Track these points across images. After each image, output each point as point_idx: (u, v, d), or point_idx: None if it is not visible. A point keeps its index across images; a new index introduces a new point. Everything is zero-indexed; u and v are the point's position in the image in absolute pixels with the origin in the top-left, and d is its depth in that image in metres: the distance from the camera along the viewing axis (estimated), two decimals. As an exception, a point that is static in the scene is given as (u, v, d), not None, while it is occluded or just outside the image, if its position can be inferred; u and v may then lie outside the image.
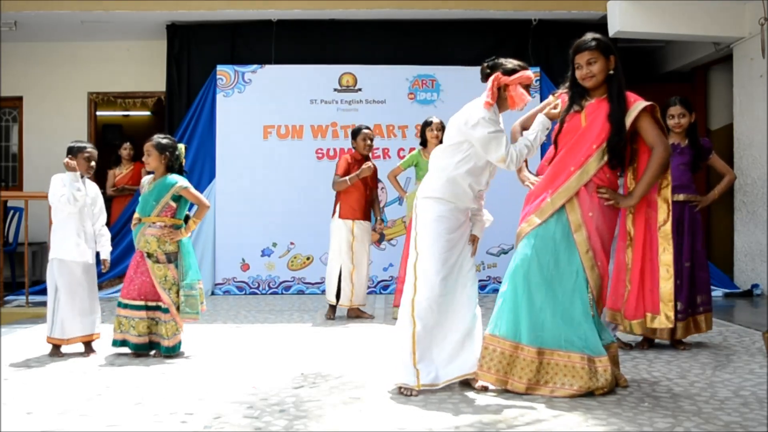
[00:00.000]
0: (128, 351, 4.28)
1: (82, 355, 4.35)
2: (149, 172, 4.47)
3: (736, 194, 7.46)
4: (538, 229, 3.33)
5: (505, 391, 3.30)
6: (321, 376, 3.70)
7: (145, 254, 4.25)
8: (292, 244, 7.56)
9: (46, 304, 4.40)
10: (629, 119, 3.32)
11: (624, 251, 3.55)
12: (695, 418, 2.90)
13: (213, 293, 7.43)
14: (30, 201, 6.46)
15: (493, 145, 3.26)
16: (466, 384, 3.42)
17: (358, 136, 5.74)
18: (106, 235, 4.56)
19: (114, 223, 7.62)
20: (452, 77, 7.41)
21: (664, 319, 3.36)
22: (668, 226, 3.37)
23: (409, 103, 7.56)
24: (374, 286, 7.32)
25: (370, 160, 5.77)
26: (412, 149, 6.10)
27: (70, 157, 4.36)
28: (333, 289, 5.73)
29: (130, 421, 2.95)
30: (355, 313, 5.80)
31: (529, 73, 3.34)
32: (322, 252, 7.39)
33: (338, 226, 5.70)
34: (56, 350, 4.34)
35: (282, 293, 7.50)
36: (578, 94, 3.42)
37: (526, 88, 3.33)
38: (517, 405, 3.10)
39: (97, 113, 8.86)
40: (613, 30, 6.93)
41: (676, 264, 4.37)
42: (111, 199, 8.04)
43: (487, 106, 3.28)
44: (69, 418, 3.00)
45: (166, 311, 4.22)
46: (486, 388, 3.36)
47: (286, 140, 7.63)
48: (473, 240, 3.48)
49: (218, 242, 7.53)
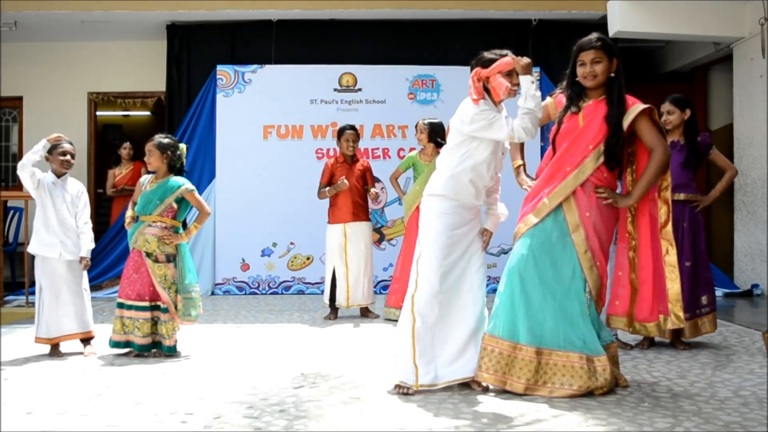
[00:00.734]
0: (126, 351, 4.28)
1: (80, 354, 4.36)
2: (150, 172, 4.47)
3: (736, 194, 7.46)
4: (534, 229, 3.33)
5: (505, 391, 3.30)
6: (321, 376, 3.70)
7: (144, 254, 4.25)
8: (292, 244, 7.56)
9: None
10: (627, 121, 3.32)
11: (625, 253, 3.54)
12: (695, 418, 2.90)
13: (213, 293, 7.43)
14: (30, 201, 6.45)
15: (494, 128, 3.25)
16: (466, 384, 3.41)
17: (341, 136, 5.76)
18: (88, 232, 4.46)
19: (114, 223, 7.64)
20: (452, 77, 7.41)
21: (675, 319, 3.36)
22: (669, 227, 3.38)
23: (409, 103, 7.57)
24: (374, 286, 7.31)
25: (359, 161, 5.79)
26: (412, 149, 6.10)
27: (46, 157, 4.42)
28: (327, 292, 5.78)
29: (130, 421, 2.95)
30: (364, 312, 5.84)
31: (508, 59, 3.30)
32: (322, 252, 7.36)
33: (329, 230, 5.77)
34: (55, 350, 4.35)
35: (282, 293, 7.50)
36: (576, 94, 3.42)
37: (509, 76, 3.30)
38: (517, 405, 3.10)
39: (97, 113, 8.86)
40: (613, 30, 6.93)
41: (692, 263, 4.39)
42: (111, 199, 8.06)
43: (476, 103, 3.29)
44: (69, 418, 3.00)
45: (165, 310, 4.22)
46: (486, 389, 3.36)
47: (286, 140, 7.64)
48: (484, 233, 3.45)
49: (218, 242, 7.53)
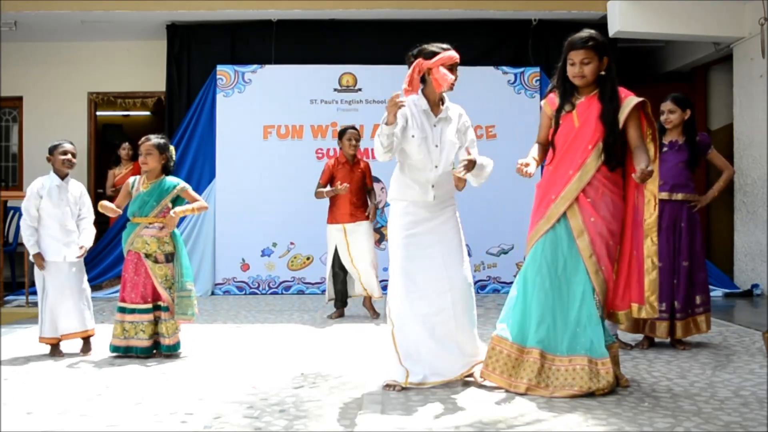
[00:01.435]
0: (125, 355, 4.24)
1: (80, 353, 4.36)
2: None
3: (736, 194, 7.45)
4: (546, 236, 3.34)
5: (506, 391, 3.31)
6: (321, 376, 3.70)
7: (143, 255, 4.24)
8: (292, 244, 7.56)
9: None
10: (622, 116, 3.31)
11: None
12: (695, 418, 2.90)
13: (213, 293, 7.43)
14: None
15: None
16: (466, 384, 3.42)
17: (343, 136, 5.77)
18: (90, 228, 4.52)
19: (114, 223, 7.63)
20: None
21: (650, 309, 3.33)
22: (653, 219, 3.33)
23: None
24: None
25: (360, 161, 5.80)
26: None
27: (48, 158, 4.45)
28: (330, 291, 5.81)
29: (130, 421, 2.95)
30: (367, 303, 5.84)
31: (451, 53, 3.38)
32: (322, 252, 7.38)
33: (329, 230, 5.78)
34: (56, 349, 4.35)
35: (282, 293, 7.50)
36: (567, 91, 3.42)
37: (452, 69, 3.36)
38: (517, 405, 3.10)
39: (97, 113, 8.86)
40: (613, 30, 6.93)
41: (672, 261, 4.38)
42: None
43: (406, 93, 3.32)
44: (69, 418, 3.00)
45: (166, 309, 4.22)
46: (482, 383, 3.39)
47: (286, 140, 7.63)
48: (466, 165, 3.25)
49: (218, 242, 7.53)
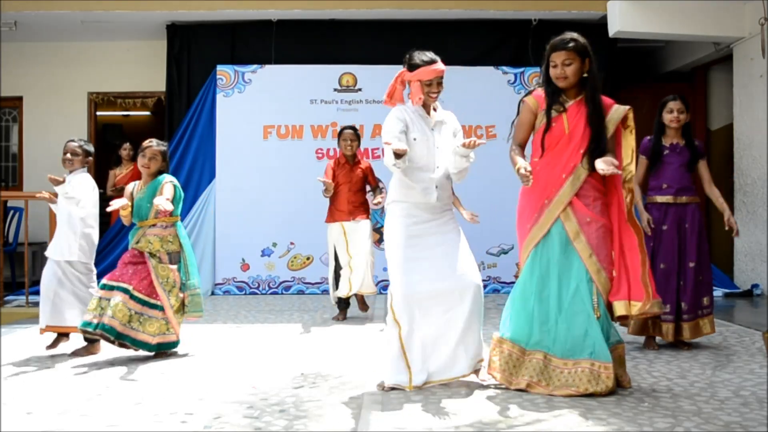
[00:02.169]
0: (97, 338, 4.16)
1: (79, 353, 4.37)
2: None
3: (736, 194, 7.45)
4: (542, 242, 3.35)
5: (506, 391, 3.31)
6: (321, 376, 3.70)
7: (148, 254, 4.24)
8: (292, 244, 7.56)
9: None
10: (612, 126, 3.34)
11: None
12: (695, 418, 2.90)
13: (213, 293, 7.43)
14: (30, 201, 6.45)
15: (384, 134, 3.44)
16: (466, 384, 3.42)
17: (341, 137, 5.78)
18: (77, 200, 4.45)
19: (114, 223, 7.63)
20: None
21: (652, 305, 3.32)
22: (632, 213, 3.37)
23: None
24: (375, 285, 7.31)
25: (359, 162, 5.78)
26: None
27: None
28: (333, 292, 5.79)
29: (130, 421, 2.95)
30: (358, 297, 5.82)
31: (434, 67, 3.39)
32: (322, 252, 7.38)
33: (329, 229, 5.76)
34: (56, 343, 4.38)
35: (282, 293, 7.50)
36: (554, 93, 3.43)
37: (429, 85, 3.40)
38: (517, 405, 3.10)
39: (97, 113, 8.86)
40: (613, 30, 6.92)
41: (678, 263, 4.38)
42: (111, 199, 8.04)
43: (386, 104, 3.47)
44: (69, 418, 3.01)
45: (159, 309, 4.18)
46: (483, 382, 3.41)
47: (286, 140, 7.63)
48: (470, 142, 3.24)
49: (218, 242, 7.53)
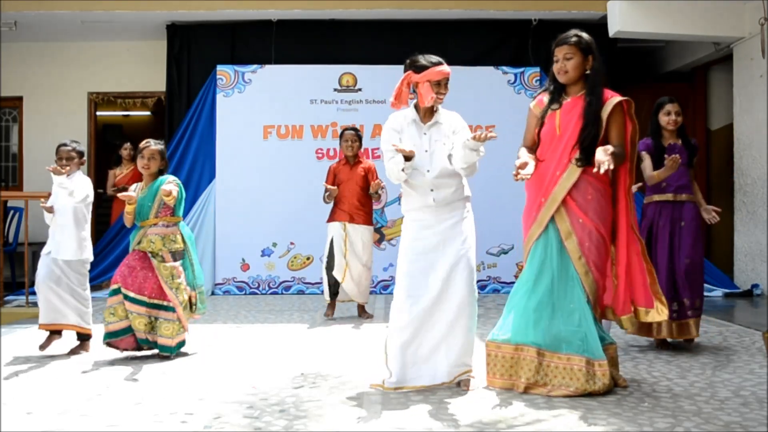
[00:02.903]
0: (121, 341, 4.21)
1: (78, 353, 4.38)
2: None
3: (736, 194, 7.45)
4: (539, 240, 3.36)
5: (506, 391, 3.31)
6: (321, 376, 3.70)
7: (150, 254, 4.24)
8: (292, 244, 7.56)
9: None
10: (605, 114, 3.34)
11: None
12: (695, 418, 2.90)
13: (213, 293, 7.42)
14: (30, 201, 6.45)
15: (382, 142, 3.49)
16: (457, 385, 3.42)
17: (342, 137, 5.81)
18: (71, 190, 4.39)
19: (114, 223, 7.64)
20: (452, 77, 7.34)
21: (657, 313, 3.37)
22: (635, 223, 3.41)
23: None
24: (374, 286, 7.31)
25: (360, 162, 5.77)
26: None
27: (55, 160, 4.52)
28: (326, 288, 5.79)
29: (130, 421, 2.95)
30: (360, 311, 5.83)
31: (440, 68, 3.39)
32: (322, 252, 7.37)
33: (329, 227, 5.76)
34: (49, 341, 4.38)
35: (282, 293, 7.50)
36: (557, 90, 3.45)
37: (438, 85, 3.38)
38: (517, 405, 3.10)
39: (97, 113, 8.86)
40: (613, 30, 6.92)
41: (690, 263, 4.38)
42: (111, 199, 8.05)
43: (393, 106, 3.42)
44: (69, 418, 3.01)
45: (171, 310, 4.21)
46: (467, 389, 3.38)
47: (286, 140, 7.63)
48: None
49: (218, 242, 7.53)
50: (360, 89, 7.66)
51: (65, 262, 4.41)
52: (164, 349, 4.21)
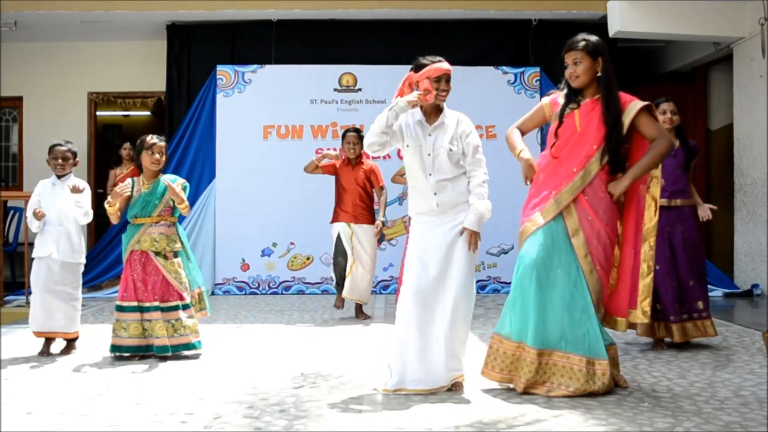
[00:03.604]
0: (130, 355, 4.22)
1: (61, 353, 4.37)
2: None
3: (736, 194, 7.45)
4: (543, 228, 3.32)
5: (506, 391, 3.31)
6: (321, 376, 3.70)
7: (152, 253, 4.23)
8: (292, 244, 7.56)
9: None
10: (627, 119, 3.33)
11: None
12: (695, 418, 2.90)
13: (213, 293, 7.42)
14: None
15: None
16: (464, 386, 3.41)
17: (344, 139, 5.79)
18: (86, 210, 4.47)
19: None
20: (452, 77, 7.39)
21: (641, 314, 3.37)
22: (653, 225, 3.36)
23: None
24: (374, 286, 7.31)
25: (362, 163, 5.75)
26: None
27: (47, 161, 4.48)
28: (334, 280, 5.81)
29: (130, 421, 2.95)
30: (357, 312, 5.83)
31: (439, 65, 3.38)
32: (322, 252, 7.39)
33: (333, 227, 5.76)
34: (46, 346, 4.38)
35: (282, 293, 7.50)
36: (573, 93, 3.45)
37: (437, 81, 3.36)
38: (517, 405, 3.10)
39: (97, 113, 8.85)
40: (613, 30, 6.92)
41: (688, 266, 4.38)
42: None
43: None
44: (69, 418, 3.01)
45: (186, 307, 4.21)
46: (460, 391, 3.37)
47: (286, 140, 7.63)
48: (467, 234, 3.31)
49: (218, 242, 7.53)
50: (360, 89, 7.66)
51: (66, 265, 4.39)
52: (191, 347, 4.20)
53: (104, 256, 7.45)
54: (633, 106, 3.34)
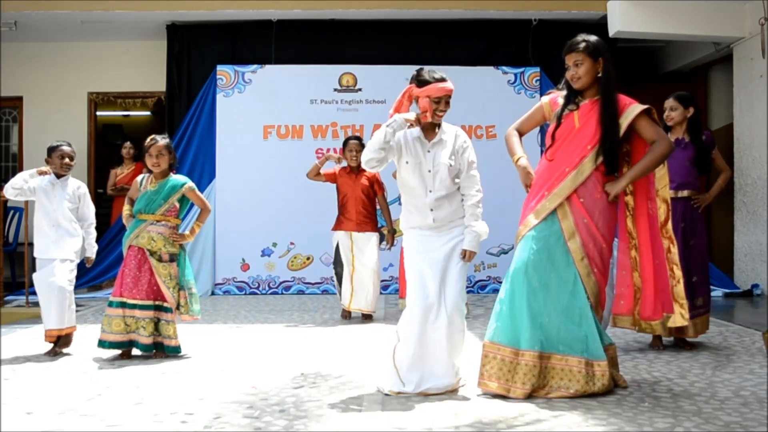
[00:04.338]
0: (119, 351, 4.23)
1: (57, 349, 4.37)
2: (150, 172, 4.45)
3: (736, 194, 7.45)
4: (535, 231, 3.31)
5: (503, 397, 3.29)
6: (321, 376, 3.70)
7: (148, 252, 4.24)
8: (292, 244, 7.56)
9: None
10: (626, 122, 3.32)
11: (627, 252, 3.55)
12: (695, 418, 2.90)
13: (213, 293, 7.43)
14: (30, 201, 6.44)
15: None
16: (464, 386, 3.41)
17: (346, 147, 5.75)
18: (93, 233, 4.60)
19: (114, 223, 7.64)
20: (452, 77, 7.24)
21: (680, 317, 3.42)
22: (669, 225, 3.40)
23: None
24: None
25: (364, 171, 5.66)
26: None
27: (46, 159, 4.49)
28: (338, 290, 5.81)
29: (130, 421, 2.95)
30: (365, 319, 5.80)
31: (443, 85, 3.35)
32: (322, 252, 7.40)
33: (335, 235, 5.75)
34: (55, 345, 4.36)
35: (282, 293, 7.50)
36: (573, 94, 3.44)
37: (437, 102, 3.33)
38: (517, 405, 3.10)
39: (97, 113, 8.86)
40: (613, 30, 6.92)
41: (686, 261, 4.38)
42: (111, 199, 8.06)
43: (390, 117, 3.35)
44: (69, 418, 3.01)
45: (169, 310, 4.22)
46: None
47: (286, 140, 7.64)
48: (464, 255, 3.34)
49: (218, 242, 7.53)
50: (360, 89, 7.66)
51: (64, 263, 4.39)
52: (171, 350, 4.21)
53: (104, 256, 7.44)
54: (632, 110, 3.33)
